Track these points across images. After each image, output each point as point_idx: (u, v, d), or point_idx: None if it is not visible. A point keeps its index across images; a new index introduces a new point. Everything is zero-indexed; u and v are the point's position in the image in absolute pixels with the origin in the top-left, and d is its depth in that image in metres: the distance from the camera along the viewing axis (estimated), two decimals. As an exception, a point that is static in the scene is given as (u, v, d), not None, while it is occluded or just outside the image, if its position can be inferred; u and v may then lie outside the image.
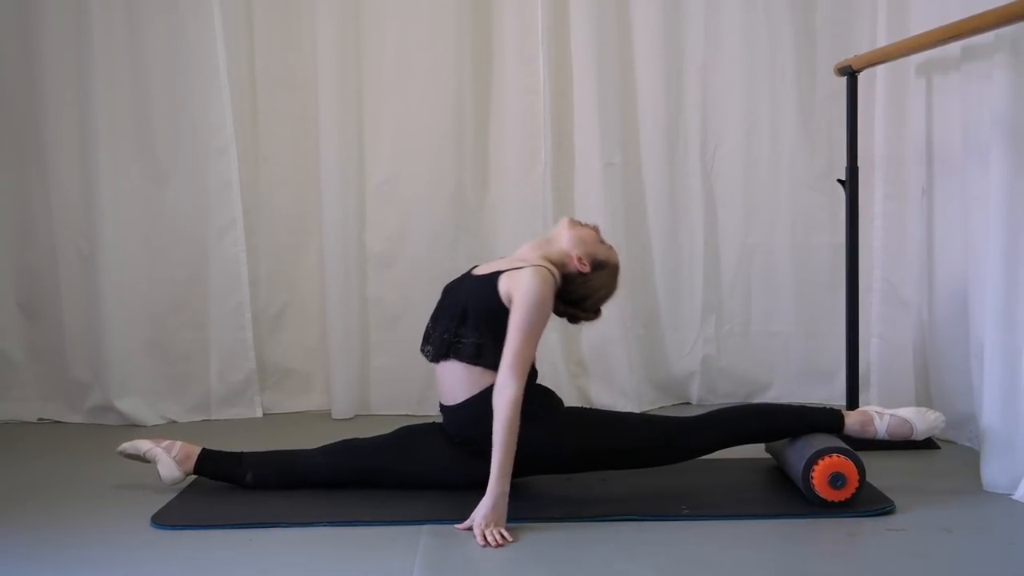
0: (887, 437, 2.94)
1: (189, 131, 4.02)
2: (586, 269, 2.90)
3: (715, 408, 3.10)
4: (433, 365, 2.94)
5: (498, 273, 2.85)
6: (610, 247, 2.99)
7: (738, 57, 4.11)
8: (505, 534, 2.56)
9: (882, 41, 3.70)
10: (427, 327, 2.96)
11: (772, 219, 4.16)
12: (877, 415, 2.96)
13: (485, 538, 2.54)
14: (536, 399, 2.87)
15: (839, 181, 3.55)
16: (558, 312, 2.97)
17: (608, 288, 2.97)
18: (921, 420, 2.94)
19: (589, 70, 4.06)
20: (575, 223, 2.98)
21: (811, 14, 4.09)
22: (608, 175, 4.08)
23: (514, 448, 2.63)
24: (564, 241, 2.93)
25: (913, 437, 2.94)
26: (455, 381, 2.86)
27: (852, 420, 2.95)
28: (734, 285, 4.20)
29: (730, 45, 4.11)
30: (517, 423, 2.63)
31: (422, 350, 2.96)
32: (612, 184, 4.09)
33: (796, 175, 4.13)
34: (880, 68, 3.68)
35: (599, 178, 4.08)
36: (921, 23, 3.42)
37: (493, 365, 2.74)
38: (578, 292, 2.93)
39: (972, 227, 3.19)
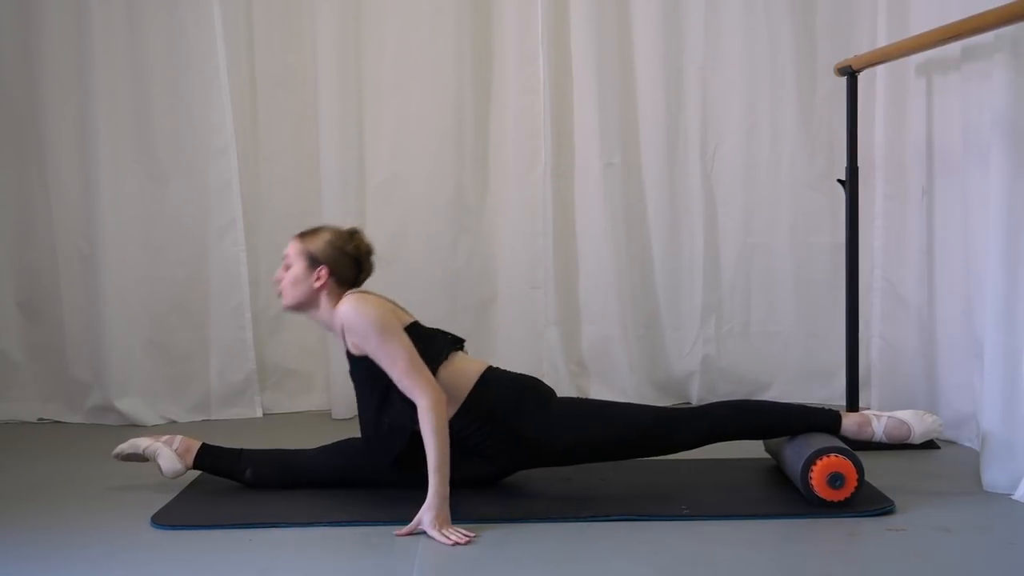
0: (884, 439, 2.94)
1: (189, 131, 4.03)
2: (324, 273, 2.84)
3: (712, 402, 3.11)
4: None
5: (347, 350, 2.85)
6: (292, 238, 2.92)
7: (738, 57, 4.11)
8: (465, 532, 2.55)
9: (882, 41, 3.70)
10: (364, 446, 2.92)
11: (772, 219, 4.16)
12: (875, 417, 2.95)
13: (449, 537, 2.53)
14: (524, 391, 2.89)
15: (839, 181, 3.55)
16: (359, 283, 2.92)
17: (338, 242, 2.88)
18: (919, 423, 2.93)
19: (589, 70, 4.06)
20: (278, 284, 2.89)
21: (811, 14, 4.09)
22: (608, 175, 4.09)
23: (447, 452, 2.62)
24: (302, 293, 2.85)
25: (911, 440, 2.94)
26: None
27: (850, 421, 2.95)
28: (734, 285, 4.19)
29: (730, 45, 4.11)
30: (444, 428, 2.63)
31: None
32: (612, 184, 4.09)
33: (796, 175, 4.13)
34: (880, 68, 3.68)
35: (599, 178, 4.09)
36: (921, 23, 3.42)
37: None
38: (350, 272, 2.88)
39: (972, 227, 3.19)
